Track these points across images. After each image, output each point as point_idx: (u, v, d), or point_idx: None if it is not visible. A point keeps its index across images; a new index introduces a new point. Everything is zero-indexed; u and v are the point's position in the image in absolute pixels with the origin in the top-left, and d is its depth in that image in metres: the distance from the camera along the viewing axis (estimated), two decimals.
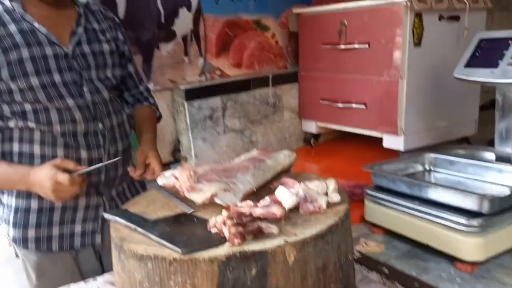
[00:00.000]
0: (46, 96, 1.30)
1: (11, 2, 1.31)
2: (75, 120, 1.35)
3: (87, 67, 1.39)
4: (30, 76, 1.28)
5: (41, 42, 1.31)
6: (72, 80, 1.35)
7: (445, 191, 1.34)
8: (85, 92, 1.37)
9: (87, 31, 1.41)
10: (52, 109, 1.33)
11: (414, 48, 2.08)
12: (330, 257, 1.03)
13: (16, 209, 1.38)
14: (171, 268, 0.95)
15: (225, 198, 1.16)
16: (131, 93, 1.63)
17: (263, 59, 2.60)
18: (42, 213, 1.38)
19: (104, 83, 1.43)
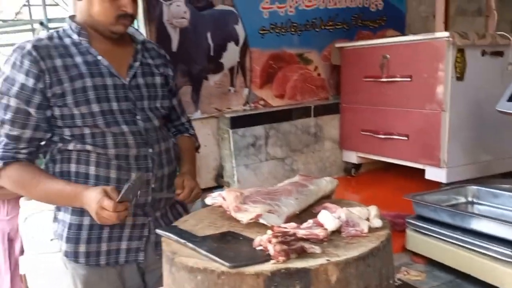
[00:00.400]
0: (104, 121, 1.43)
1: (79, 36, 1.47)
2: (127, 144, 1.47)
3: (140, 98, 1.52)
4: (92, 103, 1.41)
5: (103, 73, 1.45)
6: (127, 109, 1.48)
7: (490, 222, 1.34)
8: (138, 120, 1.50)
9: (142, 65, 1.56)
10: (108, 133, 1.44)
11: (456, 82, 2.10)
12: (371, 280, 1.06)
13: (70, 225, 1.48)
14: (219, 281, 1.00)
15: (269, 219, 1.21)
16: (173, 124, 1.76)
17: (305, 91, 2.68)
18: (93, 230, 1.48)
19: (154, 112, 1.55)
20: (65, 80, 1.40)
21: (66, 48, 1.45)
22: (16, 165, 1.40)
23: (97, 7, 1.42)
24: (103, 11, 1.42)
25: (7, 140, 1.40)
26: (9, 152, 1.39)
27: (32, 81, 1.37)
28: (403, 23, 2.98)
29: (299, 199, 1.33)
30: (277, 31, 2.54)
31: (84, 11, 1.46)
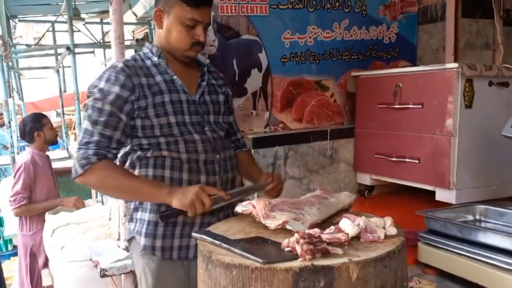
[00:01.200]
0: (179, 131, 1.66)
1: (158, 58, 1.70)
2: (197, 151, 1.68)
3: (207, 112, 1.75)
4: (169, 115, 1.64)
5: (178, 90, 1.68)
6: (197, 121, 1.70)
7: (495, 234, 1.46)
8: (206, 130, 1.72)
9: (208, 84, 1.79)
10: (181, 141, 1.66)
11: (465, 110, 2.23)
12: (387, 280, 1.19)
13: (148, 222, 1.67)
14: (252, 275, 1.14)
15: (295, 225, 1.36)
16: (231, 139, 1.95)
17: (322, 116, 2.84)
18: (167, 227, 1.67)
19: (218, 126, 1.77)
20: (148, 96, 1.62)
21: (148, 69, 1.68)
22: (108, 161, 1.59)
23: (175, 35, 1.66)
24: (180, 39, 1.66)
25: (101, 139, 1.57)
26: (102, 150, 1.57)
27: (127, 93, 1.59)
28: (414, 54, 3.15)
29: (321, 209, 1.48)
30: (297, 59, 2.72)
31: (163, 38, 1.70)
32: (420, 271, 1.70)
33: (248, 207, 1.44)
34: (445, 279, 1.60)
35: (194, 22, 1.65)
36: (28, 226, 3.61)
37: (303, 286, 1.12)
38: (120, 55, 2.11)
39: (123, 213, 2.17)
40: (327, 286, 1.12)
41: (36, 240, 3.50)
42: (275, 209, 1.43)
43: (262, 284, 1.14)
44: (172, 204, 1.56)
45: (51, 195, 3.64)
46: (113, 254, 2.16)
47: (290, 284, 1.12)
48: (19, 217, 3.60)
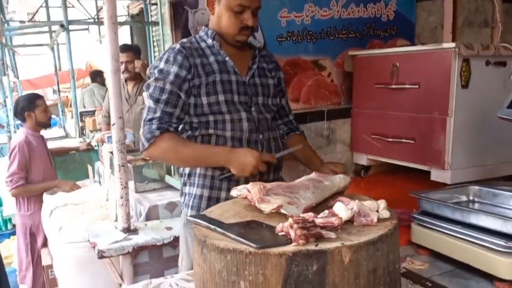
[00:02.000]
0: (227, 108, 1.73)
1: (213, 40, 1.78)
2: (242, 129, 1.75)
3: (256, 94, 1.82)
4: (219, 94, 1.73)
5: (229, 71, 1.77)
6: (245, 102, 1.78)
7: (486, 216, 1.48)
8: (253, 111, 1.79)
9: (258, 68, 1.85)
10: (228, 120, 1.74)
11: (461, 90, 2.23)
12: (380, 263, 1.20)
13: (195, 195, 1.80)
14: (246, 260, 1.15)
15: (289, 209, 1.36)
16: (283, 121, 2.02)
17: (319, 96, 2.83)
18: (210, 200, 1.78)
19: (266, 108, 1.83)
20: (202, 75, 1.72)
21: (203, 50, 1.78)
22: (169, 133, 1.69)
23: (225, 20, 1.74)
24: (230, 24, 1.74)
25: (162, 115, 1.69)
26: (164, 124, 1.68)
27: (185, 72, 1.70)
28: (412, 32, 3.12)
29: (315, 193, 1.48)
30: (293, 38, 2.70)
31: (215, 23, 1.79)
32: (413, 251, 1.72)
33: (243, 191, 1.45)
34: (438, 260, 1.62)
35: (242, 8, 1.71)
36: (26, 207, 3.63)
37: (296, 270, 1.13)
38: (113, 35, 2.09)
39: (120, 195, 2.18)
40: (320, 270, 1.13)
41: (35, 220, 3.52)
42: (270, 193, 1.43)
43: (256, 269, 1.15)
44: (231, 169, 1.66)
45: (48, 176, 3.65)
46: (111, 235, 2.17)
47: (284, 268, 1.13)
48: (16, 198, 3.61)
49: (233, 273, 1.18)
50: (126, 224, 2.21)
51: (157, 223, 2.39)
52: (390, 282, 1.24)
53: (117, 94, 2.12)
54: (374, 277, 1.19)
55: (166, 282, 1.54)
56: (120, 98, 2.15)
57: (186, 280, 1.55)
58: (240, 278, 1.17)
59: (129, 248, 2.11)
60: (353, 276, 1.15)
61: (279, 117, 1.99)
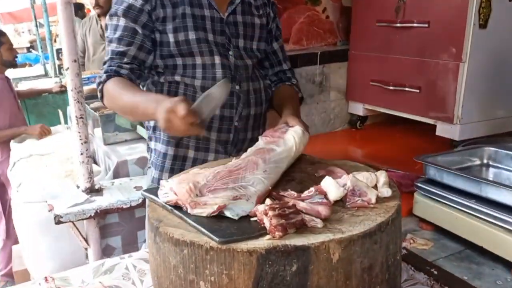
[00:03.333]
0: (199, 49, 1.45)
1: None
2: (215, 78, 1.46)
3: (236, 35, 1.51)
4: (189, 30, 1.44)
5: (202, 5, 1.47)
6: (222, 43, 1.48)
7: (507, 191, 1.22)
8: (230, 55, 1.49)
9: (243, 3, 1.53)
10: (199, 65, 1.46)
11: (479, 31, 1.93)
12: (377, 258, 0.95)
13: (159, 153, 1.56)
14: (207, 257, 0.90)
15: (236, 208, 1.00)
16: (274, 71, 1.67)
17: (311, 35, 2.49)
18: (176, 160, 1.53)
19: (247, 53, 1.53)
20: (167, 5, 1.44)
21: None
22: (114, 79, 1.43)
23: None
24: None
25: (112, 56, 1.45)
26: (113, 67, 1.44)
27: (140, 2, 1.43)
28: None
29: (268, 171, 1.12)
30: None
31: None
32: (415, 225, 1.48)
33: (170, 196, 1.06)
34: (444, 237, 1.40)
35: None
36: None
37: (270, 271, 0.88)
38: None
39: (79, 151, 1.90)
40: (301, 270, 0.88)
41: (4, 169, 3.26)
42: (205, 191, 1.04)
43: (220, 268, 0.90)
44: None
45: (15, 121, 3.36)
46: (71, 197, 1.93)
47: (254, 268, 0.88)
48: None
49: (191, 270, 0.93)
50: (89, 184, 1.95)
51: (125, 181, 2.13)
52: (389, 278, 0.99)
53: (69, 33, 1.78)
54: (370, 276, 0.95)
55: (122, 264, 1.30)
56: (74, 38, 1.81)
57: (146, 260, 1.31)
58: (200, 278, 0.92)
59: (91, 212, 1.86)
60: (343, 276, 0.91)
61: (270, 66, 1.67)
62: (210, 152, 1.52)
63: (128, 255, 1.34)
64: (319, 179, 1.11)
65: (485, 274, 1.21)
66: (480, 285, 1.17)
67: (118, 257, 1.34)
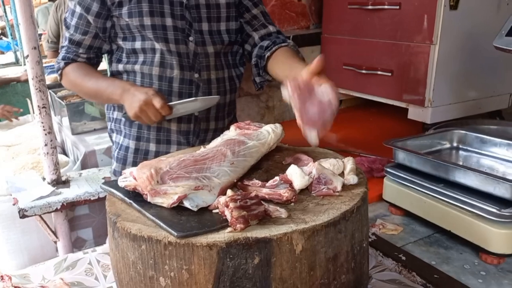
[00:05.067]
0: (154, 35, 1.37)
1: None
2: (172, 65, 1.40)
3: (198, 19, 1.42)
4: (144, 16, 1.36)
5: None
6: (181, 27, 1.40)
7: (475, 175, 1.21)
8: (190, 41, 1.41)
9: None
10: (158, 50, 1.39)
11: (449, 12, 1.89)
12: (342, 247, 0.93)
13: (121, 146, 1.53)
14: (166, 252, 0.87)
15: (196, 199, 0.96)
16: (260, 34, 1.52)
17: (284, 18, 2.43)
18: (137, 154, 1.51)
19: (213, 37, 1.44)
20: None
21: None
22: (74, 64, 1.46)
23: None
24: None
25: (69, 44, 1.45)
26: (70, 54, 1.45)
27: None
28: None
29: (235, 164, 1.08)
30: None
31: None
32: (385, 210, 1.47)
33: (129, 181, 1.02)
34: (414, 222, 1.38)
35: None
36: None
37: (231, 264, 0.85)
38: None
39: (43, 142, 1.83)
40: (263, 262, 0.86)
41: None
42: (167, 179, 1.00)
43: (179, 263, 0.87)
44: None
45: None
46: (36, 189, 1.86)
47: (215, 263, 0.85)
48: None
49: (150, 266, 0.90)
50: (55, 176, 1.89)
51: (94, 172, 2.07)
52: (355, 267, 0.98)
53: (27, 18, 1.70)
54: (335, 266, 0.93)
55: (85, 258, 1.26)
56: (33, 23, 1.73)
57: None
58: (160, 274, 0.89)
59: (57, 205, 1.81)
60: (307, 267, 0.89)
61: (254, 30, 1.51)
62: (172, 144, 1.49)
63: (91, 250, 1.30)
64: (286, 167, 1.08)
65: (453, 258, 1.20)
66: (448, 269, 1.16)
67: (81, 251, 1.30)
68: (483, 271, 1.15)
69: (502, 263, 1.18)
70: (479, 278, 1.13)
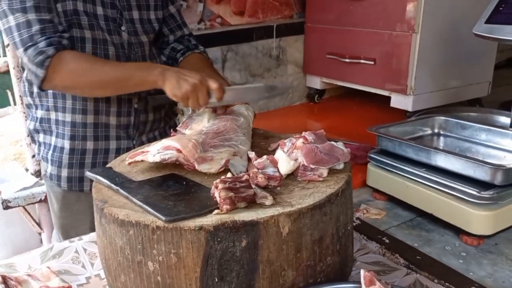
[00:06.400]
0: (88, 22, 1.30)
1: None
2: (108, 55, 1.34)
3: (128, 8, 1.38)
4: (78, 1, 1.28)
5: None
6: (112, 17, 1.35)
7: (455, 159, 1.24)
8: (123, 31, 1.37)
9: None
10: (89, 39, 1.31)
11: (430, 1, 1.92)
12: (327, 229, 0.95)
13: (54, 147, 1.43)
14: (154, 237, 0.88)
15: (236, 165, 1.04)
16: (176, 36, 1.55)
17: (267, 7, 2.43)
18: (74, 154, 1.42)
19: (144, 26, 1.42)
20: None
21: None
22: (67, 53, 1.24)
23: None
24: None
25: (43, 25, 1.21)
26: (53, 37, 1.22)
27: None
28: None
29: (246, 134, 1.18)
30: None
31: None
32: (369, 195, 1.50)
33: (171, 153, 1.04)
34: (397, 206, 1.41)
35: None
36: None
37: (219, 247, 0.86)
38: None
39: (26, 133, 1.81)
40: (251, 245, 0.87)
41: None
42: (207, 147, 1.08)
43: (167, 247, 0.88)
44: (164, 89, 1.23)
45: None
46: (19, 180, 1.84)
47: (203, 246, 0.86)
48: None
49: (138, 251, 0.91)
50: (38, 166, 1.87)
51: None
52: (340, 249, 1.00)
53: None
54: (320, 247, 0.95)
55: (72, 247, 1.25)
56: None
57: (96, 242, 1.27)
58: (148, 258, 0.90)
59: (41, 195, 1.79)
60: (294, 249, 0.91)
61: (170, 31, 1.53)
62: (111, 139, 1.43)
63: (78, 238, 1.29)
64: (272, 153, 1.10)
65: (435, 240, 1.24)
66: (430, 251, 1.19)
67: (67, 240, 1.29)
68: (463, 252, 1.19)
69: (482, 244, 1.21)
70: (459, 259, 1.16)
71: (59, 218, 1.54)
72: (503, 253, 1.18)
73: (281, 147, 1.11)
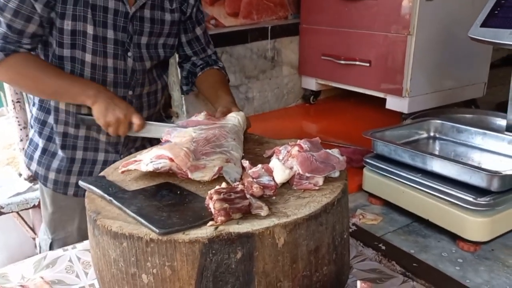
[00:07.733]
0: (93, 47, 1.31)
1: None
2: (106, 81, 1.36)
3: (140, 32, 1.38)
4: (88, 23, 1.29)
5: None
6: (122, 40, 1.35)
7: (451, 165, 1.23)
8: (129, 57, 1.38)
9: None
10: (88, 64, 1.33)
11: (426, 3, 1.91)
12: (323, 239, 0.95)
13: (44, 150, 1.47)
14: (148, 249, 0.86)
15: (231, 172, 1.04)
16: (199, 57, 1.61)
17: (262, 9, 2.41)
18: (64, 162, 1.46)
19: (149, 52, 1.42)
20: None
21: None
22: (19, 56, 1.28)
23: None
24: None
25: (8, 32, 1.25)
26: (11, 45, 1.26)
27: None
28: None
29: (236, 139, 1.18)
30: None
31: None
32: (365, 200, 1.49)
33: (164, 163, 1.04)
34: (393, 211, 1.41)
35: None
36: None
37: (214, 260, 0.85)
38: None
39: (19, 138, 1.79)
40: (246, 257, 0.86)
41: None
42: (199, 155, 1.07)
43: (161, 260, 0.87)
44: (92, 110, 1.30)
45: None
46: (12, 185, 1.82)
47: (197, 258, 0.85)
48: None
49: (132, 264, 0.89)
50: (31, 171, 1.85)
51: None
52: (337, 258, 0.99)
53: None
54: (317, 258, 0.94)
55: (65, 256, 1.24)
56: None
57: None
58: (142, 271, 0.89)
59: (35, 201, 1.78)
60: (289, 260, 0.90)
61: (194, 54, 1.59)
62: (100, 152, 1.48)
63: (71, 247, 1.28)
64: (267, 160, 1.09)
65: (431, 246, 1.23)
66: (426, 258, 1.18)
67: (61, 249, 1.28)
68: (460, 259, 1.18)
69: (478, 250, 1.21)
70: (456, 266, 1.16)
71: (48, 212, 1.56)
72: (500, 259, 1.17)
73: (276, 155, 1.10)
